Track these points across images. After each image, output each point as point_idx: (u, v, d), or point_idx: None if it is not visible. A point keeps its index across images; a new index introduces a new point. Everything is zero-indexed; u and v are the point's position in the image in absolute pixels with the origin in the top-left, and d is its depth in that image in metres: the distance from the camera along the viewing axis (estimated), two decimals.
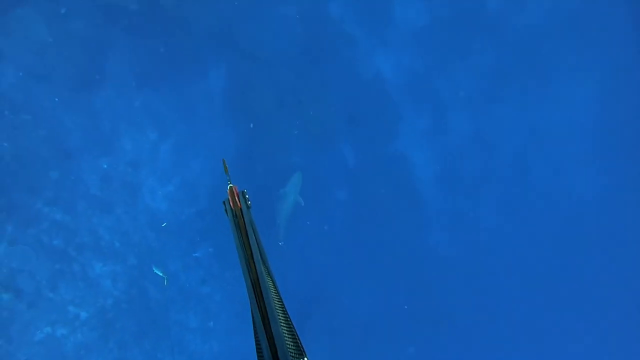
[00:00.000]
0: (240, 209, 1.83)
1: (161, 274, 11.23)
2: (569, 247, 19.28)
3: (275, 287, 1.61)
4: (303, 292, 14.27)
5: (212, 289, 13.68)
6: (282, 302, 1.54)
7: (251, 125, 13.21)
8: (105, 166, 11.95)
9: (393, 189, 16.36)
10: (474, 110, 17.40)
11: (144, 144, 12.66)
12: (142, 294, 12.46)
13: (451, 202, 18.17)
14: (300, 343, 1.40)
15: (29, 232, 10.97)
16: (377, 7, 14.83)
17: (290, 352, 1.33)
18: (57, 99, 11.29)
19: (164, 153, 13.02)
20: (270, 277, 1.64)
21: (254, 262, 1.61)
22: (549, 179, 19.15)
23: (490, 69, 16.75)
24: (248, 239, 1.71)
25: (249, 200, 1.90)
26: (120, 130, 12.28)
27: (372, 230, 16.36)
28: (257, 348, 1.42)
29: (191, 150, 13.47)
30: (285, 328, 1.42)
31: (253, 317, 1.47)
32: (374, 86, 15.08)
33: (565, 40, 17.18)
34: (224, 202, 1.90)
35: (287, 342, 1.36)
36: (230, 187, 1.90)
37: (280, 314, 1.46)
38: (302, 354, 1.34)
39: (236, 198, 1.87)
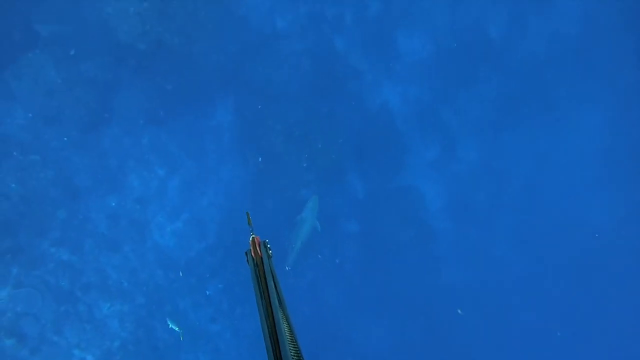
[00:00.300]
0: (261, 258, 1.84)
1: (177, 329, 10.84)
2: (584, 276, 18.73)
3: (292, 338, 1.56)
4: (314, 328, 13.83)
5: (222, 327, 13.29)
6: (299, 349, 1.51)
7: (260, 159, 13.11)
8: (113, 204, 11.82)
9: (403, 221, 16.07)
10: (481, 139, 17.25)
11: (151, 181, 12.56)
12: (150, 334, 12.11)
13: (462, 232, 17.80)
14: None
15: (35, 273, 10.77)
16: (382, 40, 14.92)
17: None
18: (65, 139, 11.28)
19: (172, 189, 12.90)
20: (289, 324, 1.61)
21: (272, 311, 1.60)
22: (560, 206, 18.76)
23: (496, 97, 16.67)
24: (268, 289, 1.71)
25: (270, 250, 1.88)
26: (128, 167, 12.21)
27: (383, 263, 16.02)
28: None
29: (199, 186, 13.35)
30: None
31: None
32: (381, 118, 15.01)
33: (570, 65, 17.12)
34: (245, 253, 1.87)
35: None
36: (253, 237, 1.87)
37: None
38: None
39: (257, 248, 1.85)
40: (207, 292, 12.58)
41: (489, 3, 15.71)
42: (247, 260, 1.87)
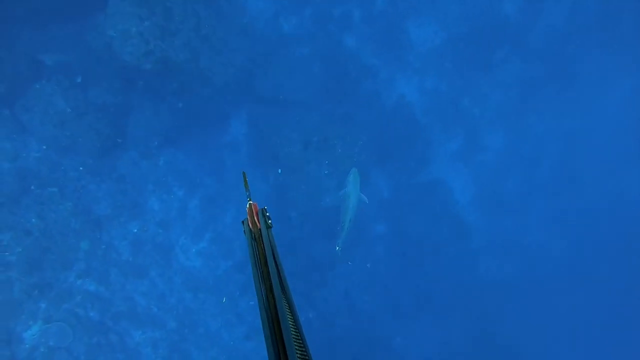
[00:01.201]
0: (260, 229, 1.62)
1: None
2: (629, 253, 17.72)
3: (295, 325, 1.37)
4: (354, 340, 13.23)
5: (257, 344, 12.80)
6: (302, 341, 1.32)
7: (279, 171, 12.61)
8: (135, 230, 11.47)
9: (432, 217, 15.35)
10: (506, 124, 16.44)
11: (172, 203, 12.19)
12: (185, 358, 11.70)
13: (495, 222, 17.02)
14: None
15: (64, 307, 10.47)
16: (392, 33, 14.28)
17: None
18: (81, 168, 10.99)
19: (193, 209, 12.51)
20: (291, 312, 1.40)
21: (274, 297, 1.38)
22: (595, 183, 17.80)
23: (517, 79, 15.83)
24: (268, 267, 1.47)
25: (269, 219, 1.66)
26: (147, 191, 11.86)
27: (417, 263, 15.35)
28: None
29: (221, 204, 12.93)
30: None
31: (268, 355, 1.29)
32: (400, 113, 14.36)
33: (592, 36, 16.14)
34: (242, 222, 1.70)
35: None
36: (250, 204, 1.67)
37: (299, 353, 1.26)
38: None
39: (255, 217, 1.66)
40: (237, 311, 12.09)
41: None
42: (244, 231, 1.68)
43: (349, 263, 14.13)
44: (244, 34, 12.47)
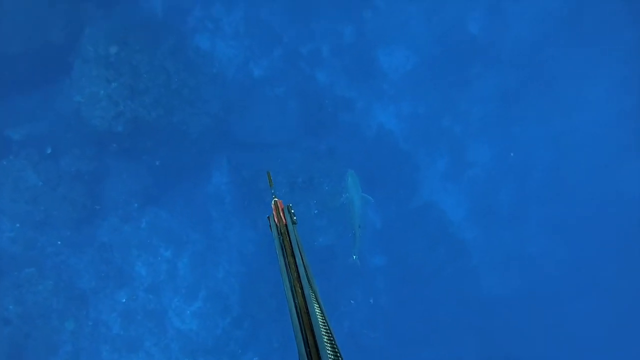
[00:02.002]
0: (286, 225, 1.65)
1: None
2: (632, 251, 17.31)
3: (323, 316, 1.37)
4: None
5: None
6: (331, 333, 1.31)
7: (268, 217, 12.01)
8: (124, 300, 10.71)
9: (429, 241, 14.85)
10: (489, 137, 16.17)
11: (160, 265, 11.49)
12: None
13: (492, 237, 16.57)
14: None
15: None
16: (363, 64, 14.05)
17: None
18: (59, 242, 10.29)
19: (183, 268, 11.81)
20: (319, 304, 1.41)
21: (300, 286, 1.42)
22: (588, 182, 17.49)
23: (493, 92, 15.67)
24: (294, 258, 1.53)
25: (294, 216, 1.67)
26: (132, 256, 11.17)
27: (419, 290, 14.75)
28: None
29: (211, 258, 12.26)
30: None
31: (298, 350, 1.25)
32: (382, 142, 14.01)
33: (558, 42, 16.14)
34: (268, 218, 1.70)
35: None
36: (275, 201, 1.68)
37: (329, 348, 1.24)
38: None
39: (281, 213, 1.66)
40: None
41: (463, 2, 14.89)
42: (270, 226, 1.71)
43: (352, 302, 13.47)
44: (216, 83, 12.09)
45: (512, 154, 15.64)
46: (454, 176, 15.80)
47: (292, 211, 1.73)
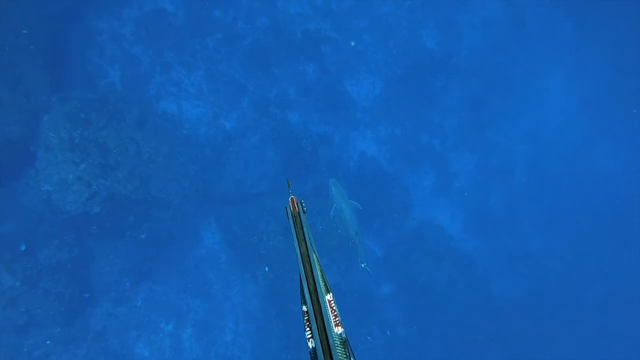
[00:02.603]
0: (299, 212, 1.95)
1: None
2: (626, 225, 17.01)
3: (323, 275, 1.77)
4: None
5: None
6: (325, 281, 1.72)
7: (266, 269, 11.31)
8: None
9: (432, 260, 14.22)
10: (468, 145, 15.93)
11: (163, 342, 10.56)
12: None
13: (493, 243, 16.09)
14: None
15: None
16: (332, 98, 13.75)
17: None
18: (48, 342, 9.34)
19: (188, 340, 10.89)
20: (319, 264, 1.80)
21: (306, 246, 1.80)
22: (570, 171, 17.36)
23: (462, 102, 15.54)
24: (303, 230, 1.86)
25: (305, 207, 1.98)
26: (131, 339, 10.24)
27: (433, 312, 14.04)
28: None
29: (216, 323, 11.39)
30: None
31: (302, 286, 1.71)
32: (366, 170, 13.56)
33: (511, 44, 16.29)
34: (285, 208, 1.99)
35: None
36: (292, 197, 1.99)
37: (323, 285, 1.69)
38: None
39: (296, 205, 1.97)
40: None
41: (414, 22, 14.91)
42: (287, 214, 1.97)
43: (369, 338, 12.60)
44: (189, 145, 11.58)
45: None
46: (443, 190, 15.39)
47: (304, 204, 2.00)
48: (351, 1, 14.33)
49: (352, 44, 13.84)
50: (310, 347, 1.52)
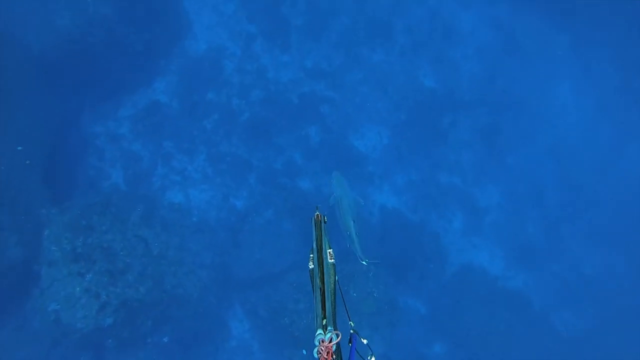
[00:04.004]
0: (321, 221, 2.36)
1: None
2: None
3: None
4: None
5: None
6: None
7: (304, 352, 9.98)
8: None
9: (483, 306, 12.73)
10: (489, 177, 14.76)
11: None
12: None
13: (543, 274, 14.47)
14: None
15: None
16: (341, 156, 12.97)
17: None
18: None
19: None
20: (333, 260, 2.13)
21: (321, 242, 2.22)
22: (603, 179, 15.89)
23: (473, 134, 14.63)
24: (322, 233, 2.28)
25: (326, 219, 2.39)
26: None
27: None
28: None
29: None
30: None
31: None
32: (391, 224, 12.50)
33: (509, 66, 15.53)
34: (311, 218, 2.38)
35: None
36: (317, 214, 2.38)
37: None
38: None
39: (319, 218, 2.36)
40: None
41: (407, 65, 14.38)
42: (313, 222, 2.38)
43: None
44: (200, 232, 10.72)
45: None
46: (476, 229, 14.05)
47: (325, 217, 2.36)
48: (341, 58, 13.93)
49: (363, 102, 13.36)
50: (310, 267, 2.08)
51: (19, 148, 9.23)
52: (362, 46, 14.20)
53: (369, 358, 1.96)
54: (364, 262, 6.92)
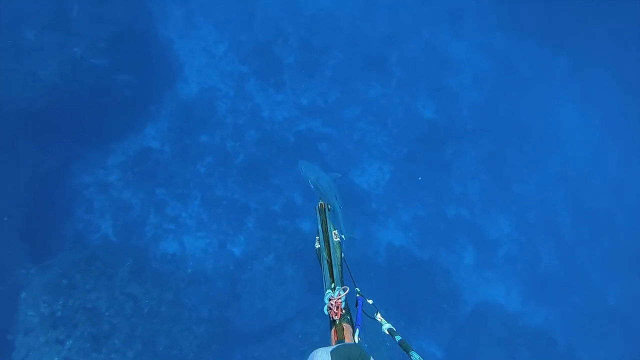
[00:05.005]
0: (324, 208, 2.50)
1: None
2: None
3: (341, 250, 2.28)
4: None
5: None
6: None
7: (315, 207, 8.78)
8: None
9: (503, 348, 11.58)
10: (498, 207, 13.91)
11: None
12: None
13: (563, 307, 13.37)
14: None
15: None
16: (343, 195, 12.11)
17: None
18: None
19: None
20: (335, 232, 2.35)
21: (327, 228, 2.34)
22: (618, 200, 15.02)
23: (478, 164, 13.95)
24: (326, 219, 2.40)
25: (330, 207, 2.54)
26: None
27: None
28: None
29: None
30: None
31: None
32: (398, 261, 11.56)
33: (508, 93, 15.03)
34: (315, 208, 2.53)
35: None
36: (320, 203, 2.52)
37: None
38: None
39: (324, 205, 2.51)
40: None
41: (406, 97, 13.81)
42: (316, 209, 2.53)
43: None
44: (196, 283, 9.76)
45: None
46: (488, 262, 13.07)
47: (329, 206, 2.50)
48: (337, 94, 13.38)
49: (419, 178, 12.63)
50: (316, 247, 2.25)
51: None
52: (357, 81, 13.69)
53: (375, 314, 1.94)
54: (342, 237, 6.32)
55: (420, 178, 12.28)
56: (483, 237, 13.26)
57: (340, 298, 1.95)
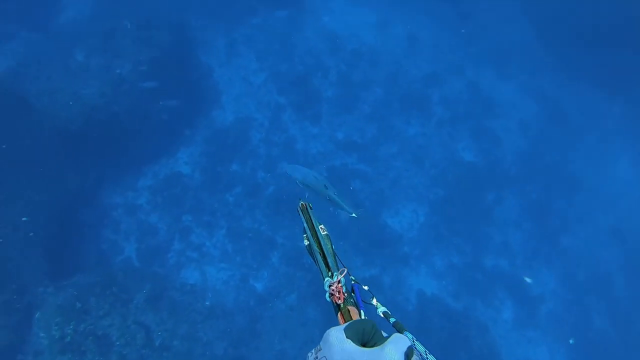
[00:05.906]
0: (306, 208, 2.34)
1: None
2: None
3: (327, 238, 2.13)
4: None
5: None
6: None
7: (297, 208, 7.97)
8: None
9: None
10: (543, 259, 12.91)
11: None
12: None
13: (617, 343, 12.02)
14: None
15: None
16: (373, 235, 11.56)
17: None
18: None
19: None
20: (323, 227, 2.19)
21: (312, 223, 2.19)
22: None
23: (520, 211, 13.09)
24: (310, 217, 2.25)
25: (311, 206, 2.38)
26: None
27: None
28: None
29: None
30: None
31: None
32: (429, 311, 10.72)
33: (556, 139, 14.24)
34: (297, 208, 2.42)
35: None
36: (301, 203, 2.40)
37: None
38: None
39: (305, 205, 2.39)
40: None
41: (445, 138, 13.30)
42: (298, 210, 2.37)
43: None
44: (214, 317, 9.32)
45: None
46: (530, 320, 11.97)
47: (310, 205, 2.33)
48: (374, 130, 13.04)
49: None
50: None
51: (24, 219, 8.43)
52: (396, 118, 13.33)
53: (371, 299, 1.95)
54: (353, 215, 7.01)
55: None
56: (524, 291, 12.23)
57: (339, 282, 1.94)
